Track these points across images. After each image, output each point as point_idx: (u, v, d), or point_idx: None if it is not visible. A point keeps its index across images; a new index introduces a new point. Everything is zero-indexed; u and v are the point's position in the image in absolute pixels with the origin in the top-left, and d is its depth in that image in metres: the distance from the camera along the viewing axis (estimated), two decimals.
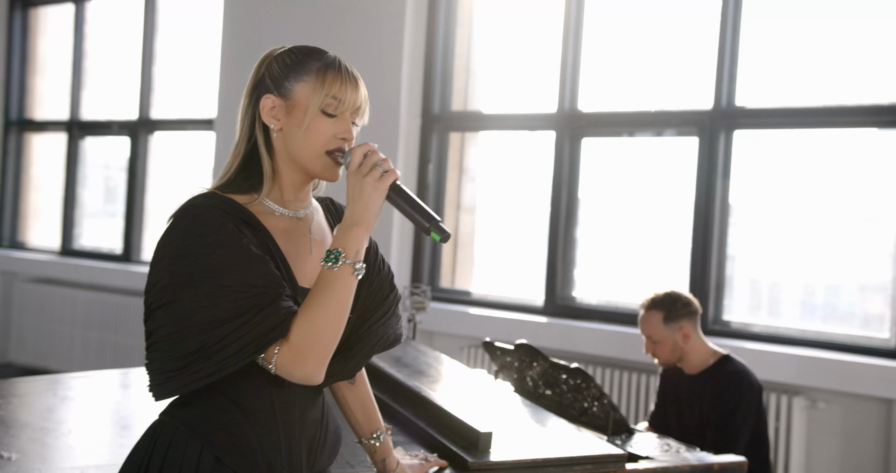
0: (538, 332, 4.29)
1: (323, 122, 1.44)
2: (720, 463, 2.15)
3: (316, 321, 1.34)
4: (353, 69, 1.48)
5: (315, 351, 1.34)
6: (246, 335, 1.31)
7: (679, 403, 3.11)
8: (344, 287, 1.36)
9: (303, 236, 1.48)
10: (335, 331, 1.36)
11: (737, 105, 4.01)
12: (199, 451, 1.39)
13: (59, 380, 2.46)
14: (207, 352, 1.31)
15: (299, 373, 1.34)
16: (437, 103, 4.85)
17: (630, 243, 4.47)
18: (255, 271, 1.34)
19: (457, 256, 4.94)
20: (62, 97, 6.70)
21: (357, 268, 1.36)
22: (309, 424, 1.47)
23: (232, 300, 1.31)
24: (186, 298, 1.32)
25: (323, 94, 1.43)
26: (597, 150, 4.48)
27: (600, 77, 4.47)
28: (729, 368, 3.01)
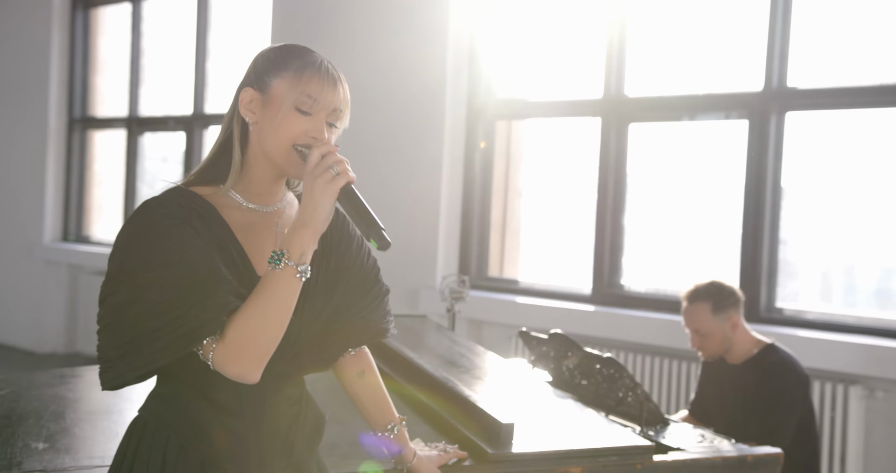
0: (585, 321, 4.24)
1: (296, 118, 1.42)
2: (755, 455, 2.08)
3: (253, 320, 1.33)
4: (336, 71, 1.46)
5: (250, 351, 1.34)
6: (177, 328, 1.31)
7: (721, 392, 3.03)
8: (284, 289, 1.35)
9: (268, 230, 1.47)
10: (273, 332, 1.35)
11: (788, 86, 3.89)
12: (165, 440, 1.42)
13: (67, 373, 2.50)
14: (139, 344, 1.32)
15: (233, 371, 1.34)
16: (483, 92, 4.81)
17: (679, 230, 4.37)
18: (193, 265, 1.33)
19: (505, 245, 4.91)
20: (121, 94, 6.86)
21: (300, 270, 1.35)
22: (282, 415, 1.46)
23: (166, 292, 1.31)
24: (122, 290, 1.33)
25: (298, 91, 1.42)
26: (644, 135, 4.39)
27: (646, 61, 4.38)
28: (774, 357, 2.92)
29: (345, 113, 1.47)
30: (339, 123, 1.47)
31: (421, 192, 4.83)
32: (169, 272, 1.32)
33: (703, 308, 2.95)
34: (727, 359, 3.00)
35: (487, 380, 2.41)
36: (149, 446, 1.42)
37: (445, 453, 1.79)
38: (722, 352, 2.99)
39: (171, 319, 1.31)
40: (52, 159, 7.03)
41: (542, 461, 1.88)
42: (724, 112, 4.11)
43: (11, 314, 7.21)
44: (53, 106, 7.02)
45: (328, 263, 1.52)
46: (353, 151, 5.39)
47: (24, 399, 2.11)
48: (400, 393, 2.27)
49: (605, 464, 1.92)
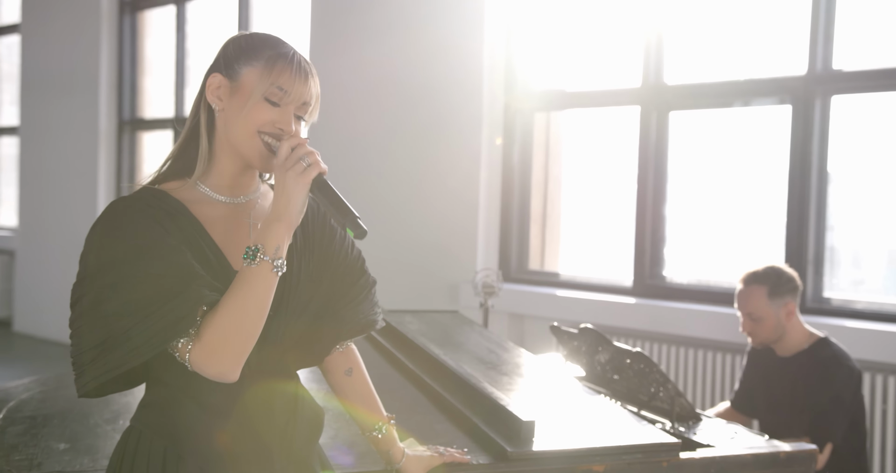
0: (627, 313, 4.17)
1: (264, 108, 1.39)
2: (787, 452, 2.01)
3: (230, 318, 1.30)
4: (308, 65, 1.43)
5: (228, 349, 1.31)
6: (150, 326, 1.28)
7: (769, 385, 2.93)
8: (261, 284, 1.32)
9: (240, 223, 1.44)
10: (251, 329, 1.32)
11: (833, 68, 3.76)
12: (163, 451, 1.39)
13: None
14: (112, 344, 1.29)
15: (212, 371, 1.31)
16: (520, 83, 4.76)
17: (722, 220, 4.27)
18: (164, 262, 1.31)
19: (545, 237, 4.86)
20: (167, 96, 6.96)
21: (276, 265, 1.32)
22: (277, 413, 1.44)
23: (137, 290, 1.29)
24: (92, 291, 1.31)
25: (269, 82, 1.39)
26: (685, 123, 4.30)
27: (685, 47, 4.28)
28: (827, 352, 2.81)
29: (314, 108, 1.44)
30: (308, 118, 1.44)
31: (460, 185, 4.80)
32: (139, 271, 1.30)
33: (759, 292, 2.85)
34: (777, 351, 2.90)
35: (514, 377, 2.37)
36: (145, 457, 1.40)
37: (440, 455, 1.74)
38: (774, 340, 2.88)
39: (143, 317, 1.28)
40: (103, 161, 7.17)
41: (564, 459, 1.83)
42: (767, 97, 3.99)
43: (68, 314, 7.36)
44: (104, 108, 7.15)
45: (311, 256, 1.49)
46: (391, 145, 5.40)
47: (51, 400, 2.14)
48: (422, 389, 2.25)
49: (630, 462, 1.87)
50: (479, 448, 1.86)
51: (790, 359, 2.87)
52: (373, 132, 5.17)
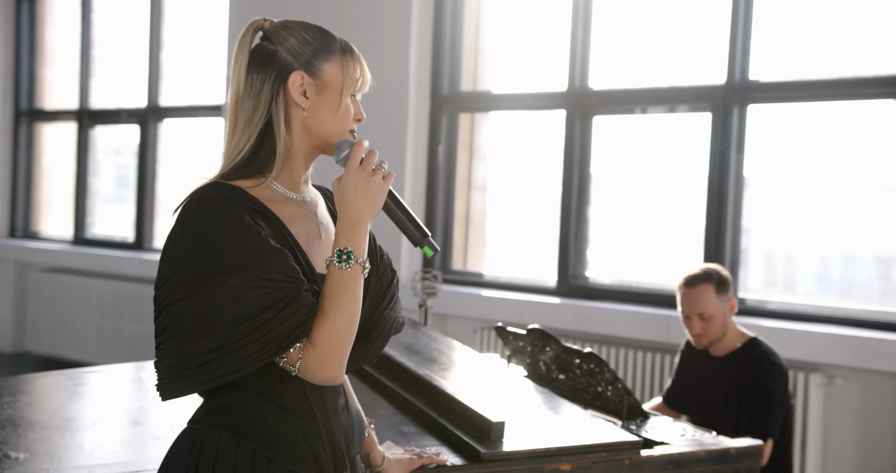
0: (551, 313, 4.26)
1: (351, 103, 1.45)
2: (737, 448, 2.11)
3: (337, 323, 1.31)
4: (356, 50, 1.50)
5: (338, 353, 1.32)
6: (270, 331, 1.26)
7: (702, 383, 3.03)
8: (357, 287, 1.34)
9: (310, 221, 1.45)
10: (353, 331, 1.34)
11: (750, 79, 3.94)
12: (251, 454, 1.36)
13: (72, 375, 2.44)
14: (229, 350, 1.26)
15: (325, 375, 1.32)
16: (446, 84, 4.80)
17: (643, 222, 4.42)
18: (277, 265, 1.28)
19: (468, 237, 4.91)
20: (71, 86, 6.68)
21: (367, 267, 1.36)
22: (340, 412, 1.47)
23: (256, 295, 1.26)
24: (207, 293, 1.25)
25: (349, 75, 1.43)
26: (608, 128, 4.42)
27: (611, 54, 4.40)
28: (759, 351, 2.92)
29: None
30: None
31: None
32: (256, 273, 1.26)
33: (707, 290, 2.91)
34: (710, 350, 3.00)
35: (469, 378, 2.40)
36: (231, 460, 1.35)
37: (419, 457, 1.77)
38: (720, 337, 2.94)
39: (263, 322, 1.26)
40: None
41: (534, 458, 1.88)
42: (688, 105, 4.15)
43: None
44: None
45: None
46: None
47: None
48: (382, 391, 2.26)
49: (594, 460, 1.93)
50: (450, 450, 1.89)
51: (723, 358, 2.99)
52: None
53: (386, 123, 4.78)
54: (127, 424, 2.03)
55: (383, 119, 4.79)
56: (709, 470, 2.05)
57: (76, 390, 2.30)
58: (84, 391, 2.32)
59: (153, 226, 6.22)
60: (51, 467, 1.70)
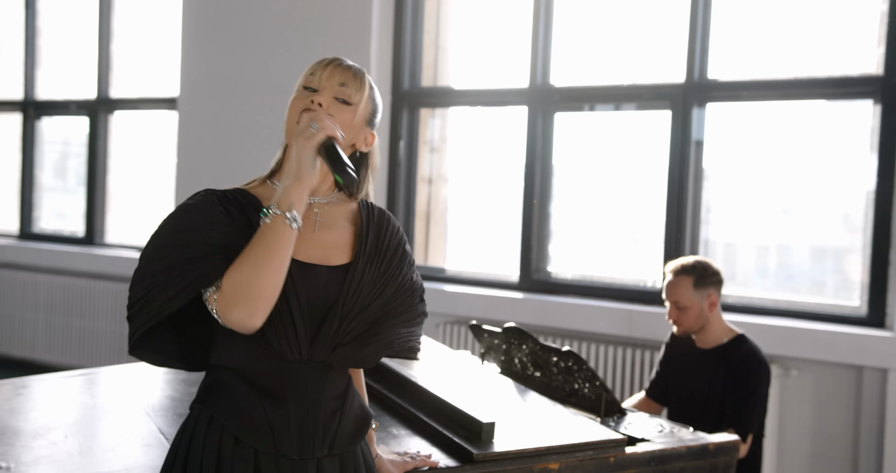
0: (514, 308, 4.31)
1: (303, 94, 1.54)
2: (715, 443, 2.17)
3: (242, 267, 1.40)
4: (345, 61, 1.57)
5: (242, 295, 1.39)
6: (186, 277, 1.40)
7: (684, 375, 3.07)
8: (273, 235, 1.41)
9: (306, 217, 1.53)
10: (263, 276, 1.39)
11: (709, 78, 4.03)
12: (219, 432, 1.47)
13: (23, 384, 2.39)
14: (154, 293, 1.42)
15: (232, 318, 1.40)
16: (407, 79, 4.80)
17: (604, 217, 4.49)
18: (212, 232, 1.43)
19: (430, 232, 4.93)
20: (16, 76, 6.50)
21: (289, 217, 1.41)
22: (325, 403, 1.50)
23: (182, 249, 1.42)
24: (150, 250, 1.45)
25: (306, 74, 1.57)
26: (569, 124, 4.47)
27: (572, 51, 4.45)
28: (745, 348, 2.97)
29: (353, 90, 1.54)
30: (354, 99, 1.55)
31: None
32: (189, 236, 1.44)
33: (685, 282, 2.99)
34: (696, 343, 3.06)
35: (451, 377, 2.42)
36: (201, 438, 1.47)
37: (412, 459, 1.81)
38: (696, 329, 3.02)
39: (182, 270, 1.40)
40: None
41: (523, 458, 1.91)
42: (648, 102, 4.22)
43: None
44: None
45: (379, 263, 1.56)
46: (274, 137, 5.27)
47: None
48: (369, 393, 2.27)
49: (581, 459, 1.97)
50: (441, 451, 1.91)
51: (708, 352, 3.03)
52: (249, 128, 5.05)
53: None
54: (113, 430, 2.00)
55: None
56: (689, 466, 2.11)
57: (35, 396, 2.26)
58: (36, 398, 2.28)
59: (104, 220, 6.09)
60: None
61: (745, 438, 2.81)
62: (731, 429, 2.80)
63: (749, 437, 2.84)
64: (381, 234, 1.59)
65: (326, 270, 1.51)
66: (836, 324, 3.70)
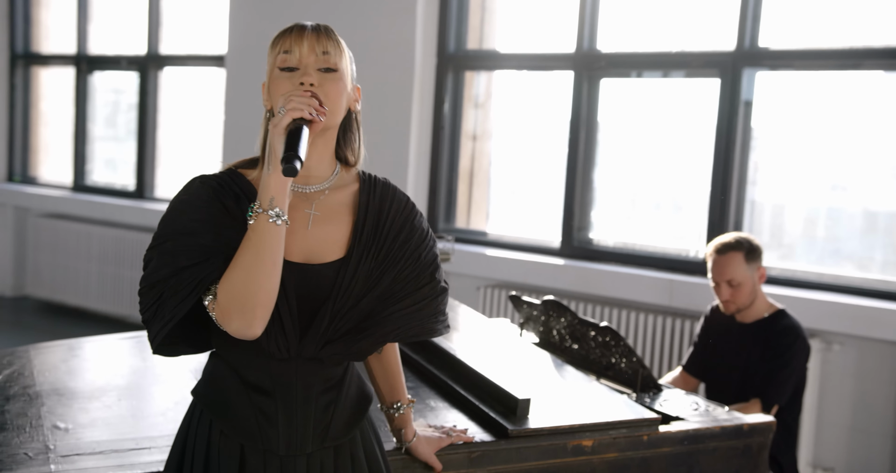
0: (555, 274, 4.33)
1: (282, 78, 1.44)
2: (749, 424, 2.20)
3: (233, 276, 1.35)
4: (313, 26, 1.47)
5: (237, 306, 1.35)
6: (189, 282, 1.37)
7: (723, 351, 3.07)
8: (259, 237, 1.35)
9: (300, 211, 1.47)
10: (256, 283, 1.34)
11: (760, 46, 3.95)
12: (208, 424, 1.47)
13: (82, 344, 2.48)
14: (164, 300, 1.39)
15: (230, 329, 1.37)
16: (453, 42, 4.78)
17: (648, 185, 4.46)
18: (211, 234, 1.39)
19: (472, 196, 4.95)
20: (69, 31, 6.59)
21: (271, 214, 1.35)
22: (316, 398, 1.47)
23: (187, 256, 1.38)
24: (155, 256, 1.42)
25: (275, 53, 1.45)
26: (615, 90, 4.43)
27: (620, 16, 4.39)
28: (786, 322, 2.97)
29: (335, 54, 1.46)
30: (339, 65, 1.46)
31: (390, 143, 4.81)
32: (190, 239, 1.39)
33: (736, 258, 2.97)
34: (737, 317, 3.05)
35: (487, 349, 2.47)
36: (195, 430, 1.48)
37: (447, 436, 1.82)
38: (748, 304, 3.00)
39: (188, 274, 1.37)
40: None
41: (558, 435, 1.95)
42: (697, 70, 4.16)
43: None
44: None
45: (377, 254, 1.48)
46: None
47: (37, 375, 2.10)
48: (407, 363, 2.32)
49: (615, 437, 2.01)
50: (477, 425, 1.96)
51: (749, 326, 3.02)
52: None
53: (392, 80, 4.77)
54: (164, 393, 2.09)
55: (389, 77, 4.77)
56: (722, 446, 2.14)
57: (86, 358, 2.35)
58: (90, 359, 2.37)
59: (154, 175, 6.21)
60: (99, 439, 1.76)
61: (769, 409, 2.83)
62: (755, 398, 2.82)
63: (774, 408, 2.85)
64: (382, 218, 1.51)
65: (318, 267, 1.45)
66: (882, 300, 3.66)
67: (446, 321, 1.57)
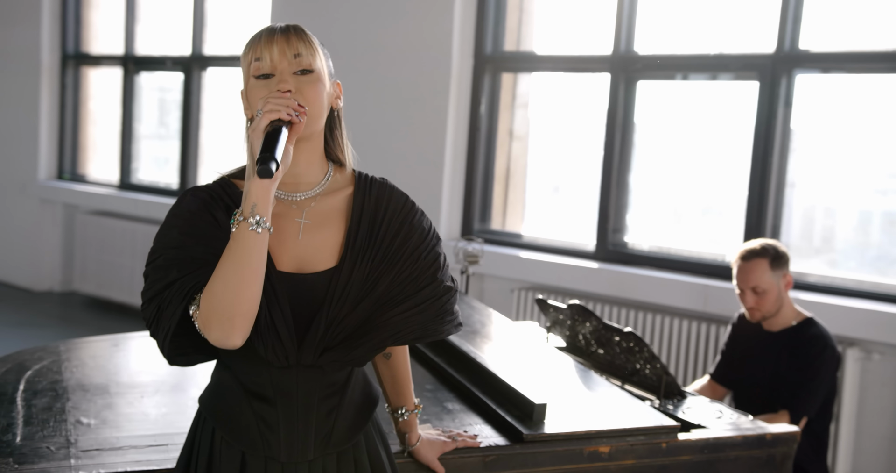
0: (588, 277, 4.31)
1: (258, 86, 1.41)
2: (773, 433, 2.17)
3: (213, 285, 1.34)
4: (282, 27, 1.43)
5: (216, 316, 1.34)
6: (177, 295, 1.38)
7: (749, 358, 3.03)
8: (239, 245, 1.33)
9: (291, 220, 1.45)
10: (234, 293, 1.33)
11: (801, 48, 3.89)
12: (212, 430, 1.48)
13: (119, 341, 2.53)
14: (159, 314, 1.40)
15: (211, 338, 1.36)
16: (490, 43, 4.78)
17: (684, 189, 4.42)
18: (198, 248, 1.39)
19: (508, 198, 4.94)
20: (117, 32, 6.73)
21: (252, 222, 1.32)
22: (317, 405, 1.46)
23: (176, 269, 1.38)
24: (149, 272, 1.42)
25: (248, 61, 1.42)
26: (652, 92, 4.39)
27: (658, 18, 4.35)
28: (814, 331, 2.92)
29: (308, 54, 1.42)
30: (314, 65, 1.42)
31: (426, 143, 4.83)
32: (180, 252, 1.39)
33: (761, 265, 2.93)
34: (764, 325, 3.01)
35: (510, 353, 2.47)
36: (200, 435, 1.49)
37: (453, 440, 1.82)
38: (774, 312, 2.96)
39: (178, 286, 1.38)
40: (45, 96, 6.94)
41: (574, 441, 1.95)
42: (735, 72, 4.11)
43: (8, 251, 7.21)
44: (46, 41, 6.89)
45: (372, 257, 1.46)
46: (359, 102, 5.37)
47: (67, 370, 2.16)
48: (429, 366, 2.34)
49: (633, 443, 2.00)
50: (492, 429, 1.96)
51: (776, 334, 2.98)
52: None
53: (428, 81, 4.79)
54: (190, 392, 2.12)
55: (426, 77, 4.79)
56: (744, 455, 2.11)
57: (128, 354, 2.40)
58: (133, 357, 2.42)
59: (196, 174, 6.31)
60: (119, 435, 1.80)
61: (798, 420, 2.79)
62: (784, 410, 2.78)
63: (803, 420, 2.81)
64: (378, 220, 1.48)
65: (311, 277, 1.43)
66: None
67: (455, 321, 1.54)
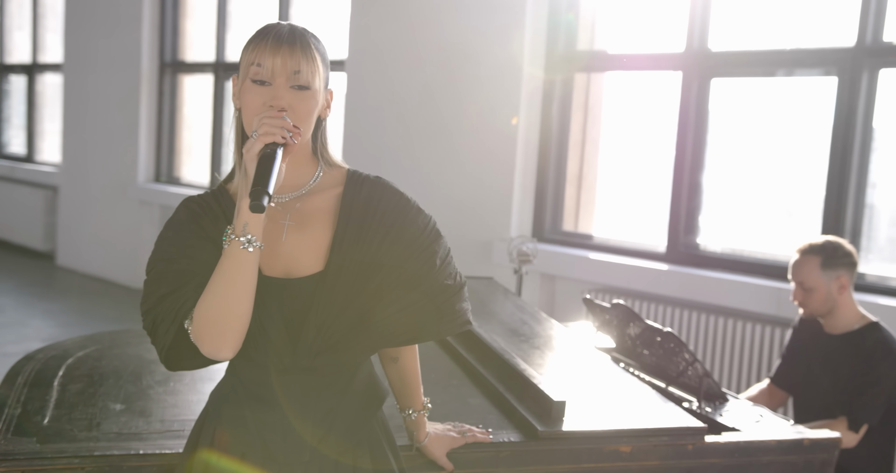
0: (659, 279, 4.21)
1: (253, 90, 1.39)
2: (811, 439, 2.07)
3: (205, 300, 1.36)
4: (293, 34, 1.40)
5: (208, 329, 1.36)
6: (170, 311, 1.40)
7: (809, 362, 2.92)
8: (230, 263, 1.34)
9: (275, 222, 1.44)
10: (224, 308, 1.35)
11: (884, 41, 3.71)
12: (212, 431, 1.51)
13: None
14: (156, 329, 1.43)
15: (205, 349, 1.38)
16: (562, 43, 4.74)
17: (758, 189, 4.27)
18: (186, 259, 1.40)
19: (580, 199, 4.89)
20: (209, 39, 6.98)
21: (243, 241, 1.33)
22: (318, 408, 1.46)
23: (167, 283, 1.40)
24: (145, 285, 1.45)
25: (248, 61, 1.40)
26: (726, 91, 4.26)
27: (731, 14, 4.22)
28: (877, 336, 2.78)
29: (308, 72, 1.38)
30: (312, 84, 1.39)
31: (497, 144, 4.82)
32: (167, 266, 1.42)
33: (812, 262, 2.83)
34: (825, 328, 2.89)
35: (545, 351, 2.44)
36: (202, 430, 1.53)
37: (462, 436, 1.80)
38: (823, 313, 2.86)
39: (169, 302, 1.40)
40: (144, 102, 7.25)
41: (592, 439, 1.91)
42: (813, 68, 3.95)
43: (110, 250, 7.56)
44: (146, 49, 7.20)
45: (360, 258, 1.44)
46: (430, 103, 5.40)
47: (106, 358, 2.25)
48: (457, 360, 2.33)
49: (656, 444, 1.94)
50: (511, 426, 1.94)
51: (837, 338, 2.86)
52: (412, 90, 5.18)
53: (499, 83, 4.78)
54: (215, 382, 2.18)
55: (496, 80, 4.78)
56: (778, 460, 2.03)
57: None
58: None
59: None
60: (142, 420, 1.86)
61: (857, 427, 2.65)
62: (843, 416, 2.65)
63: (863, 427, 2.67)
64: (367, 220, 1.46)
65: (297, 282, 1.43)
66: None
67: (458, 320, 1.52)
